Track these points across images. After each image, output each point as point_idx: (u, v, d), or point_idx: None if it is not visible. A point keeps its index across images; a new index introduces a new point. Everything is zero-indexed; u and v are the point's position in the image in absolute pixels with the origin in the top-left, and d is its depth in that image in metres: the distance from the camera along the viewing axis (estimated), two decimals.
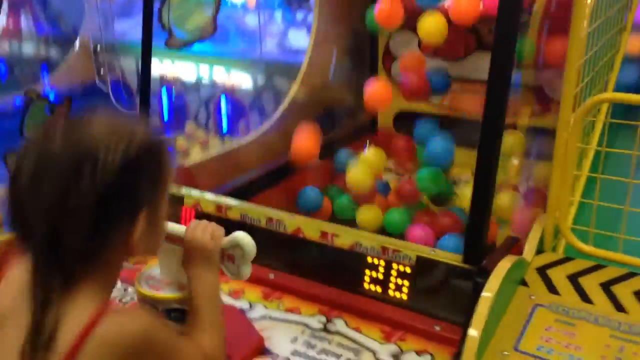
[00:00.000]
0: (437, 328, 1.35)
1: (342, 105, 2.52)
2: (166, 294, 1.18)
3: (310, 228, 1.55)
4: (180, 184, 1.79)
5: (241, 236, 1.15)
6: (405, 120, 2.37)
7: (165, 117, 3.35)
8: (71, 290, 0.89)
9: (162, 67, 3.29)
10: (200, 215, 1.73)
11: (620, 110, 1.62)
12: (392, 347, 1.33)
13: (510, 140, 1.73)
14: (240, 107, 3.19)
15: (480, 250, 1.33)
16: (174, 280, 1.20)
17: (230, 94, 3.20)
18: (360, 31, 2.37)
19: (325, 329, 1.40)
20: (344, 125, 2.58)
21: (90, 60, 3.43)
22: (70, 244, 0.87)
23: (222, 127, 3.20)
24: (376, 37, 2.53)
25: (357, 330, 1.39)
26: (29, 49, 3.40)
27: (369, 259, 1.46)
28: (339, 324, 1.41)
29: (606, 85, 1.85)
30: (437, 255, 1.39)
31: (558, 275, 1.39)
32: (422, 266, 1.39)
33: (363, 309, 1.44)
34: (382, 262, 1.44)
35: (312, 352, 1.32)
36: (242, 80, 3.18)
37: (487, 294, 1.18)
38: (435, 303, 1.38)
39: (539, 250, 1.43)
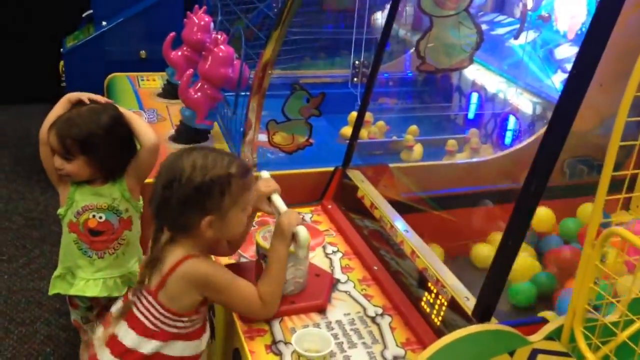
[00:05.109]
0: None
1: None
2: (264, 244, 1.79)
3: (408, 245, 1.95)
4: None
5: (300, 229, 1.67)
6: None
7: (470, 116, 3.85)
8: (172, 245, 1.59)
9: (476, 73, 3.75)
10: (361, 205, 2.27)
11: None
12: (400, 351, 1.69)
13: None
14: (517, 129, 3.45)
15: (489, 310, 1.57)
16: None
17: (515, 114, 3.47)
18: None
19: (373, 318, 1.82)
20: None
21: None
22: (163, 217, 1.58)
23: (499, 140, 3.52)
24: None
25: (392, 329, 1.78)
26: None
27: (429, 284, 1.80)
28: (385, 320, 1.82)
29: None
30: (463, 301, 1.66)
31: None
32: (453, 304, 1.68)
33: (409, 319, 1.80)
34: (435, 290, 1.77)
35: (348, 327, 1.77)
36: (525, 105, 3.40)
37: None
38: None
39: (555, 337, 1.54)
